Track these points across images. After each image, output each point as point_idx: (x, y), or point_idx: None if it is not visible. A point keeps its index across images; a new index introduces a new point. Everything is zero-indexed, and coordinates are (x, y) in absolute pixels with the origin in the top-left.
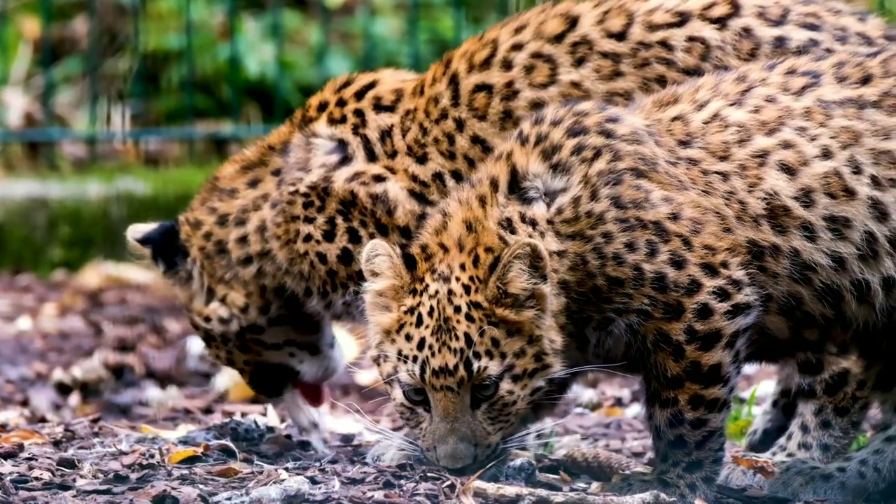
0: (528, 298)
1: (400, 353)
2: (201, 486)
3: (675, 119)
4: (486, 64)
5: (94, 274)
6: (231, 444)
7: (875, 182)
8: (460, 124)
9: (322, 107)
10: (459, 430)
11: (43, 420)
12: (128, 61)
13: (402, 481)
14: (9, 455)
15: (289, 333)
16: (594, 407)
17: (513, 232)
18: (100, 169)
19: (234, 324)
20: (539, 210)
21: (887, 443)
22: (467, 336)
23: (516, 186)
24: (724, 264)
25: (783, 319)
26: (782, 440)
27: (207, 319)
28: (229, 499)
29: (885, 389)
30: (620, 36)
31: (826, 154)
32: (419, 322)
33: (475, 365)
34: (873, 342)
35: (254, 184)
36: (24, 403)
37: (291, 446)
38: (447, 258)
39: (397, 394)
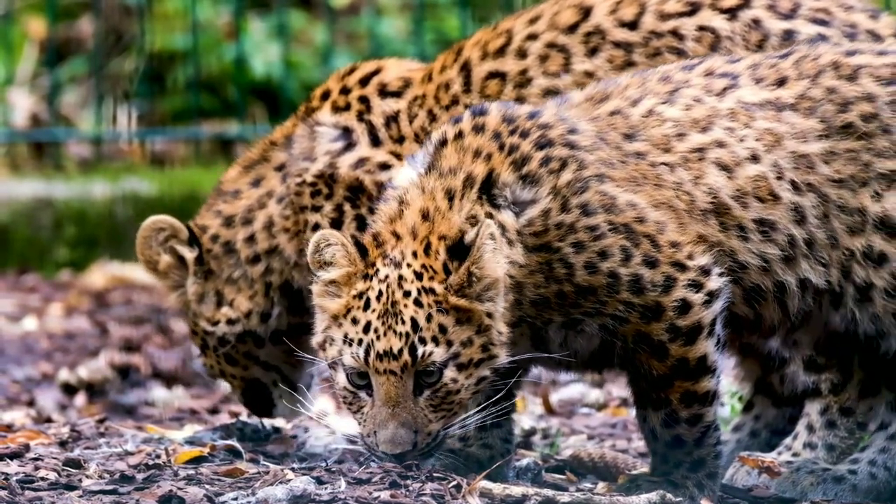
0: (488, 288)
1: (346, 336)
2: (207, 487)
3: (613, 113)
4: (500, 52)
5: (100, 274)
6: (237, 445)
7: (795, 187)
8: None
9: (325, 96)
10: (400, 415)
11: (49, 420)
12: (133, 61)
13: (408, 481)
14: (15, 455)
15: (279, 360)
16: (600, 407)
17: None
18: (105, 169)
19: (239, 326)
20: (508, 218)
21: (892, 440)
22: (413, 321)
23: (488, 190)
24: (690, 256)
25: None
26: (788, 440)
27: (215, 323)
28: (235, 499)
29: (874, 394)
30: (632, 25)
31: (755, 157)
32: (367, 306)
33: (420, 350)
34: (846, 357)
35: (257, 182)
36: (30, 404)
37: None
38: (399, 245)
39: (341, 378)
